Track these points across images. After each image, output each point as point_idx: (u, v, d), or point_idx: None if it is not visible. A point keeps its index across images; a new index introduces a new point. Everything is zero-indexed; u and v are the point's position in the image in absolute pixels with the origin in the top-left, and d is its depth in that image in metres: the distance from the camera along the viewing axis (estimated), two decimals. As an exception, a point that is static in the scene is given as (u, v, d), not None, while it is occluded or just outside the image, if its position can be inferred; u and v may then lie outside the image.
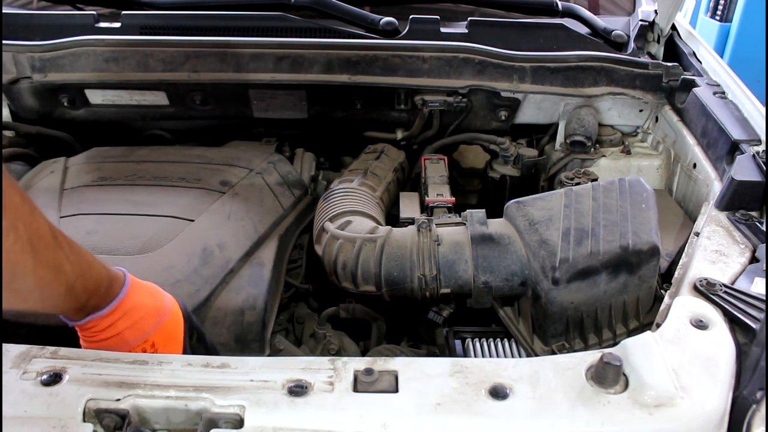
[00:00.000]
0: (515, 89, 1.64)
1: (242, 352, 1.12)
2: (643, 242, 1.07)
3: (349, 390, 0.83)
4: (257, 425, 0.78)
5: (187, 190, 1.35)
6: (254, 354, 1.11)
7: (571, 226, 1.09)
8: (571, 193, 1.17)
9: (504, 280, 1.12)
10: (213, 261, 1.18)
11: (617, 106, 1.71)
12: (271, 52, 1.61)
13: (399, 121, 1.71)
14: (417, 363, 0.87)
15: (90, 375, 0.84)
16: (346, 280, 1.20)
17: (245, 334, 1.12)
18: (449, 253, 1.14)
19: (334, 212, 1.30)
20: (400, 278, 1.15)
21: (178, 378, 0.84)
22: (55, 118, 1.70)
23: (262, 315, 1.13)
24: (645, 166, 1.67)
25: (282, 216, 1.40)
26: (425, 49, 1.63)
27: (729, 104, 1.50)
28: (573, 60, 1.64)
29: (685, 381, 0.81)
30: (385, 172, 1.56)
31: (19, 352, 0.88)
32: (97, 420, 0.80)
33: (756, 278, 1.01)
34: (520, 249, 1.12)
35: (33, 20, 1.75)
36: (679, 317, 0.92)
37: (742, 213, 1.19)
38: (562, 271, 1.04)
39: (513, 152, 1.70)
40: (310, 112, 1.68)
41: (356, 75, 1.62)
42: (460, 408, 0.80)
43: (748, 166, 1.25)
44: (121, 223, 1.25)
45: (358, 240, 1.19)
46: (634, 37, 1.79)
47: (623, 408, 0.79)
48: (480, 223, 1.17)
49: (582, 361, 0.86)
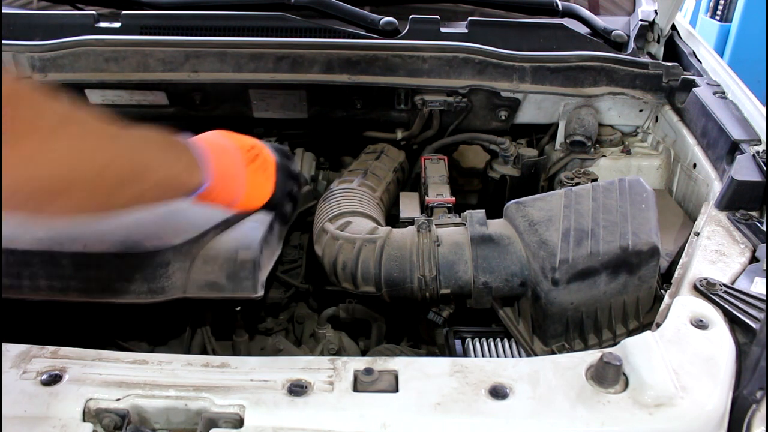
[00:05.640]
0: (515, 89, 1.64)
1: (234, 291, 1.09)
2: (643, 243, 1.07)
3: (349, 390, 0.83)
4: (257, 425, 0.78)
5: None
6: (246, 294, 1.09)
7: (570, 227, 1.09)
8: (570, 193, 1.17)
9: (504, 280, 1.12)
10: (208, 210, 1.16)
11: (617, 106, 1.71)
12: (271, 52, 1.61)
13: (399, 121, 1.71)
14: (417, 363, 0.87)
15: (90, 375, 0.84)
16: (346, 280, 1.20)
17: (237, 272, 1.09)
18: (449, 254, 1.14)
19: (334, 213, 1.30)
20: (399, 279, 1.15)
21: (177, 378, 0.84)
22: None
23: (256, 255, 1.10)
24: (645, 166, 1.67)
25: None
26: (425, 49, 1.63)
27: (729, 104, 1.50)
28: (573, 60, 1.64)
29: (685, 381, 0.81)
30: (385, 172, 1.56)
31: (19, 352, 0.88)
32: (97, 420, 0.80)
33: (756, 278, 1.01)
34: (519, 249, 1.12)
35: (33, 20, 1.75)
36: (679, 317, 0.92)
37: (742, 213, 1.19)
38: (561, 271, 1.04)
39: (513, 152, 1.70)
40: (310, 111, 1.68)
41: (356, 75, 1.62)
42: (460, 408, 0.80)
43: (748, 166, 1.25)
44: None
45: (358, 241, 1.19)
46: (634, 37, 1.79)
47: (623, 408, 0.79)
48: (480, 223, 1.17)
49: (582, 361, 0.86)
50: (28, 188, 0.66)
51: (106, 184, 0.76)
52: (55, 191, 0.69)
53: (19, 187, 0.65)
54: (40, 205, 0.70)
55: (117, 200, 0.79)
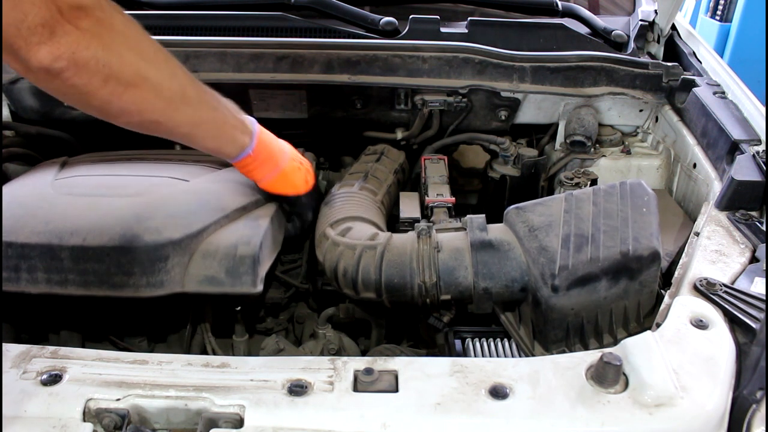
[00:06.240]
0: (515, 89, 1.64)
1: (233, 286, 1.10)
2: (643, 248, 1.06)
3: (349, 390, 0.83)
4: (257, 425, 0.78)
5: (187, 164, 1.36)
6: (245, 289, 1.10)
7: (570, 232, 1.09)
8: (571, 198, 1.17)
9: (504, 286, 1.12)
10: (208, 205, 1.17)
11: (617, 106, 1.71)
12: (271, 52, 1.61)
13: (399, 121, 1.71)
14: (417, 363, 0.87)
15: (90, 375, 0.84)
16: (347, 286, 1.21)
17: (237, 267, 1.09)
18: (449, 260, 1.14)
19: (335, 218, 1.30)
20: (400, 285, 1.15)
21: (178, 378, 0.84)
22: (55, 118, 1.70)
23: (256, 250, 1.10)
24: (645, 166, 1.67)
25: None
26: (425, 49, 1.63)
27: (729, 104, 1.50)
28: (573, 60, 1.64)
29: (685, 381, 0.81)
30: (386, 174, 1.56)
31: (19, 352, 0.88)
32: (97, 420, 0.80)
33: (756, 278, 1.01)
34: (519, 255, 1.12)
35: (33, 20, 1.75)
36: (679, 317, 0.92)
37: (742, 213, 1.19)
38: (561, 278, 1.04)
39: (513, 152, 1.70)
40: (310, 111, 1.68)
41: (356, 75, 1.62)
42: (460, 408, 0.80)
43: (748, 166, 1.25)
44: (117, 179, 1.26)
45: (359, 247, 1.19)
46: (634, 37, 1.79)
47: (623, 408, 0.79)
48: (480, 229, 1.17)
49: (582, 361, 0.86)
50: (106, 71, 0.83)
51: (170, 95, 0.94)
52: (130, 83, 0.87)
53: (100, 70, 0.82)
54: (114, 91, 0.86)
55: (175, 114, 0.97)
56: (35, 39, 0.76)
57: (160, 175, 1.28)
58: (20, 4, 0.74)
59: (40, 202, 1.15)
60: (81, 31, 0.80)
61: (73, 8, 0.79)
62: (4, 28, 0.75)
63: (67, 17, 0.78)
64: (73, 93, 0.85)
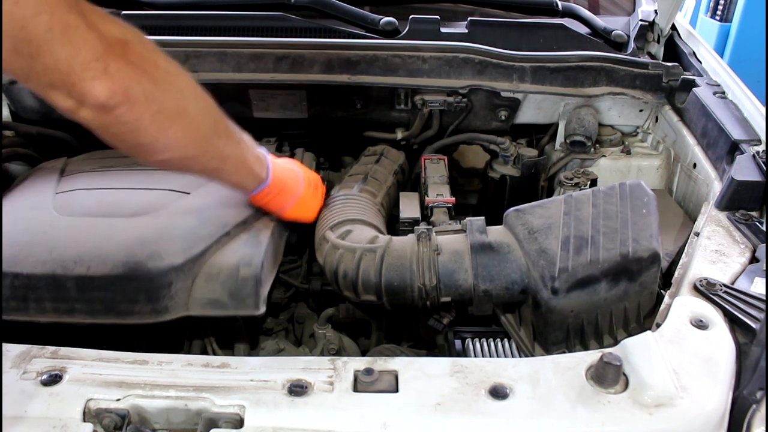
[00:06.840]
0: (515, 89, 1.64)
1: (236, 309, 1.10)
2: (643, 249, 1.06)
3: (349, 390, 0.83)
4: (257, 425, 0.78)
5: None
6: (248, 310, 1.10)
7: (570, 234, 1.09)
8: (571, 199, 1.17)
9: (504, 288, 1.12)
10: (209, 223, 1.17)
11: (617, 106, 1.71)
12: (271, 52, 1.61)
13: (399, 121, 1.71)
14: (417, 363, 0.87)
15: (90, 375, 0.84)
16: (347, 289, 1.21)
17: (240, 290, 1.09)
18: (449, 262, 1.14)
19: (335, 221, 1.30)
20: (400, 288, 1.15)
21: (178, 378, 0.84)
22: (55, 118, 1.70)
23: (258, 271, 1.10)
24: (645, 166, 1.67)
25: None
26: (425, 49, 1.63)
27: (729, 104, 1.50)
28: (573, 60, 1.64)
29: (685, 381, 0.81)
30: (386, 176, 1.56)
31: (19, 352, 0.88)
32: (97, 420, 0.80)
33: (756, 278, 1.01)
34: (519, 258, 1.12)
35: (33, 20, 1.75)
36: (679, 317, 0.92)
37: (742, 213, 1.19)
38: (561, 280, 1.03)
39: (513, 152, 1.70)
40: (310, 111, 1.68)
41: (356, 75, 1.62)
42: (460, 408, 0.80)
43: (748, 166, 1.25)
44: (117, 195, 1.25)
45: (358, 250, 1.19)
46: (634, 37, 1.79)
47: (623, 408, 0.79)
48: (479, 231, 1.17)
49: (582, 361, 0.86)
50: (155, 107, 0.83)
51: (206, 129, 0.95)
52: (175, 117, 0.87)
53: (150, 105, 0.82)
54: (162, 126, 0.86)
55: (209, 147, 0.97)
56: (89, 74, 0.74)
57: (159, 187, 1.27)
58: (73, 39, 0.72)
59: (43, 227, 1.14)
60: (131, 65, 0.79)
61: (120, 42, 0.78)
62: (58, 64, 0.72)
63: (117, 52, 0.77)
64: (123, 131, 0.83)
